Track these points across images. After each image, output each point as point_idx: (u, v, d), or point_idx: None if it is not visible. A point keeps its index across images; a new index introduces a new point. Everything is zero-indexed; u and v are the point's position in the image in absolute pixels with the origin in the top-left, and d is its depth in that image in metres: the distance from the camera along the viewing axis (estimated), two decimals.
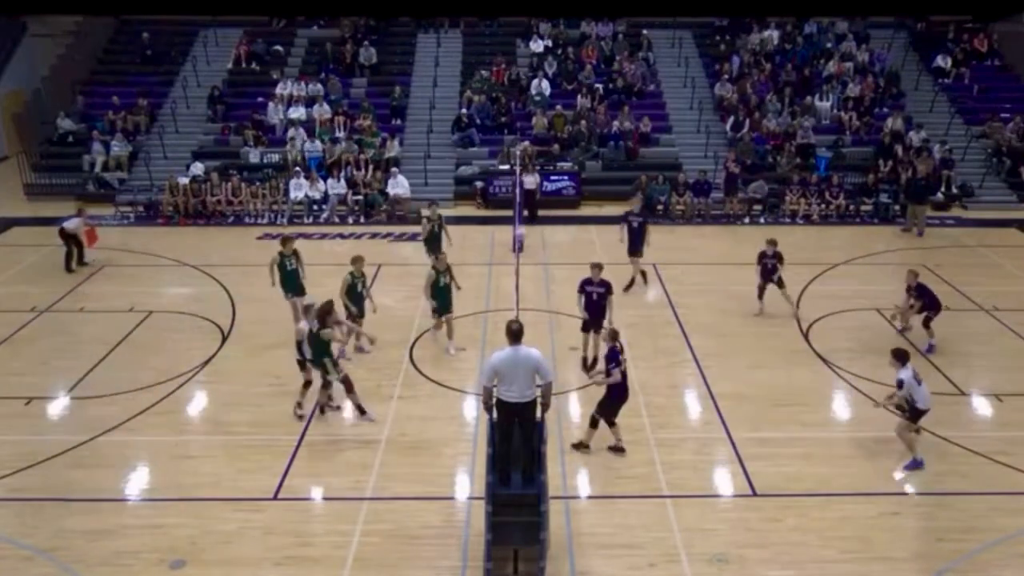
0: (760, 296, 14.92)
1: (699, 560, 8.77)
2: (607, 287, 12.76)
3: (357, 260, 13.44)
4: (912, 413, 10.37)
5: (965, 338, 14.12)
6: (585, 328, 12.98)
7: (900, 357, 10.39)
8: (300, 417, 11.45)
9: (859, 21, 27.46)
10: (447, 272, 13.51)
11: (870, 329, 14.50)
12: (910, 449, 10.45)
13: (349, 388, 11.25)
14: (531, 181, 21.13)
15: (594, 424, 10.59)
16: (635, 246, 16.19)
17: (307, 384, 11.57)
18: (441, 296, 13.42)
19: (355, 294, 13.24)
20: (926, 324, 13.60)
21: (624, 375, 10.43)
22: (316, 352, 11.16)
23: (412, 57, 27.31)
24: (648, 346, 13.81)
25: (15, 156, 24.28)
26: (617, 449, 10.62)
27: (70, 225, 17.29)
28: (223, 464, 10.49)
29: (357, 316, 13.19)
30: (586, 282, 12.81)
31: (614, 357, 10.33)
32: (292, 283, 13.80)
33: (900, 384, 10.27)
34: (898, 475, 10.30)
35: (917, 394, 10.28)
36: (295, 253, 13.89)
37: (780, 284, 14.79)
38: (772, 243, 14.87)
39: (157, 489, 10.03)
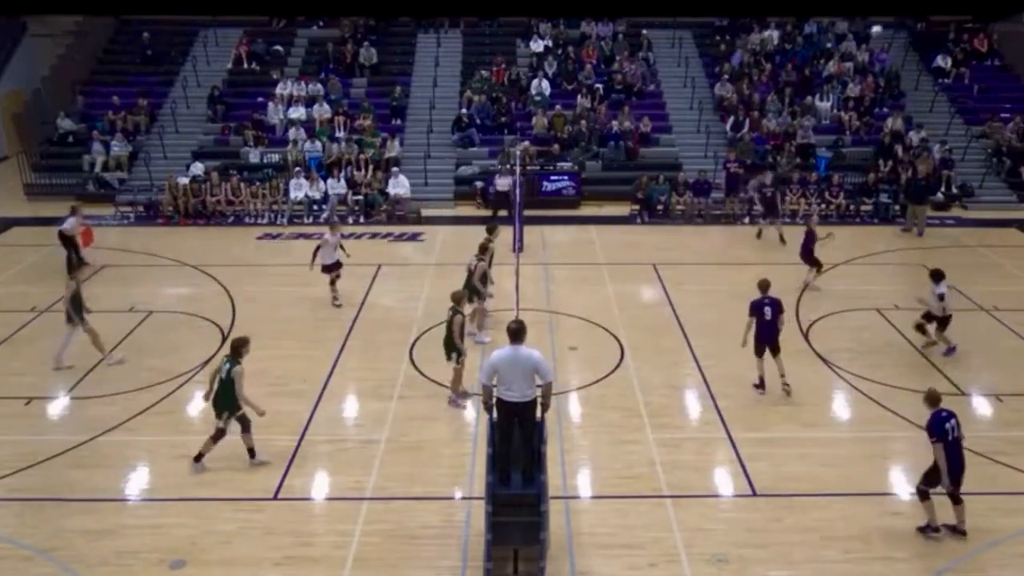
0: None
1: (699, 560, 8.77)
2: (777, 305, 11.96)
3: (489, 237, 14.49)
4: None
5: (965, 338, 14.10)
6: (759, 352, 12.04)
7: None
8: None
9: (859, 21, 27.46)
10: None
11: (870, 329, 14.50)
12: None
13: (245, 428, 10.39)
14: (504, 183, 20.88)
15: (924, 496, 9.09)
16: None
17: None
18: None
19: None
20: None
21: (955, 442, 8.94)
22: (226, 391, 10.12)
23: (412, 57, 27.31)
24: (648, 346, 13.81)
25: (15, 156, 24.28)
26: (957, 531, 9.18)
27: (67, 227, 17.20)
28: (223, 464, 10.48)
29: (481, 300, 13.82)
30: (757, 302, 11.94)
31: (938, 427, 8.86)
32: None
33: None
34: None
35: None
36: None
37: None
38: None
39: (157, 489, 10.03)
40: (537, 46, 27.08)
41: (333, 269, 15.35)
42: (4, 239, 19.83)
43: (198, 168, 22.26)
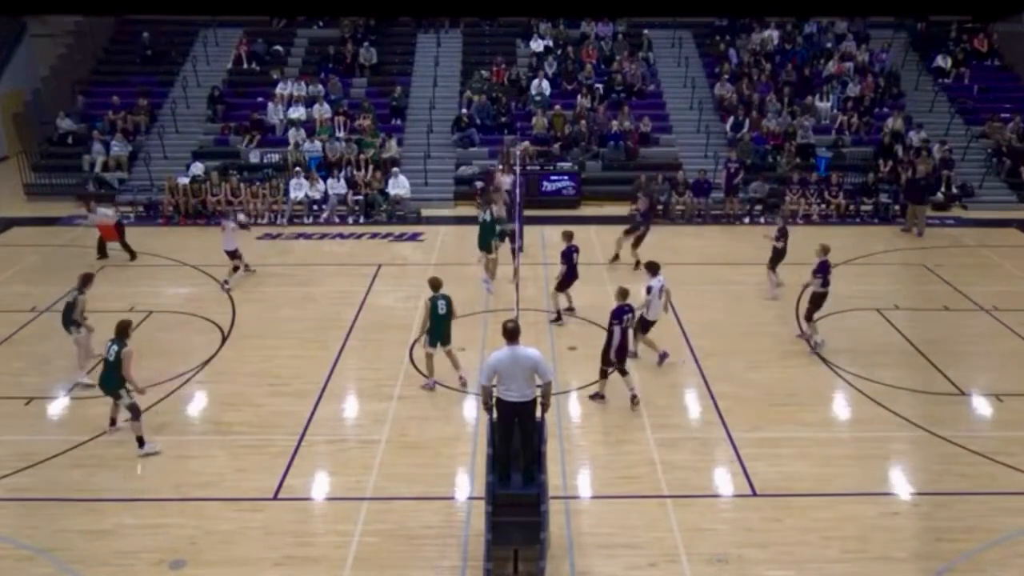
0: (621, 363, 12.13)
1: (699, 560, 8.77)
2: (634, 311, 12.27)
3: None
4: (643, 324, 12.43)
5: (965, 338, 14.13)
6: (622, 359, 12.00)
7: (651, 269, 12.62)
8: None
9: (859, 21, 27.46)
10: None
11: (870, 329, 14.50)
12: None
13: (136, 415, 10.67)
14: (507, 181, 20.72)
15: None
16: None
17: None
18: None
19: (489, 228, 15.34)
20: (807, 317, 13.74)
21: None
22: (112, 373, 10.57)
23: (412, 57, 27.31)
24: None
25: (15, 156, 24.26)
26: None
27: (100, 215, 17.99)
28: (223, 464, 10.49)
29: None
30: (618, 310, 11.82)
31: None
32: None
33: (648, 290, 12.37)
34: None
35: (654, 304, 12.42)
36: None
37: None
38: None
39: (157, 489, 10.02)
40: (537, 46, 27.09)
41: (235, 256, 16.31)
42: (4, 239, 19.82)
43: (198, 168, 22.26)
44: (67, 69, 27.09)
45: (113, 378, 10.57)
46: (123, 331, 10.65)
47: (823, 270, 13.55)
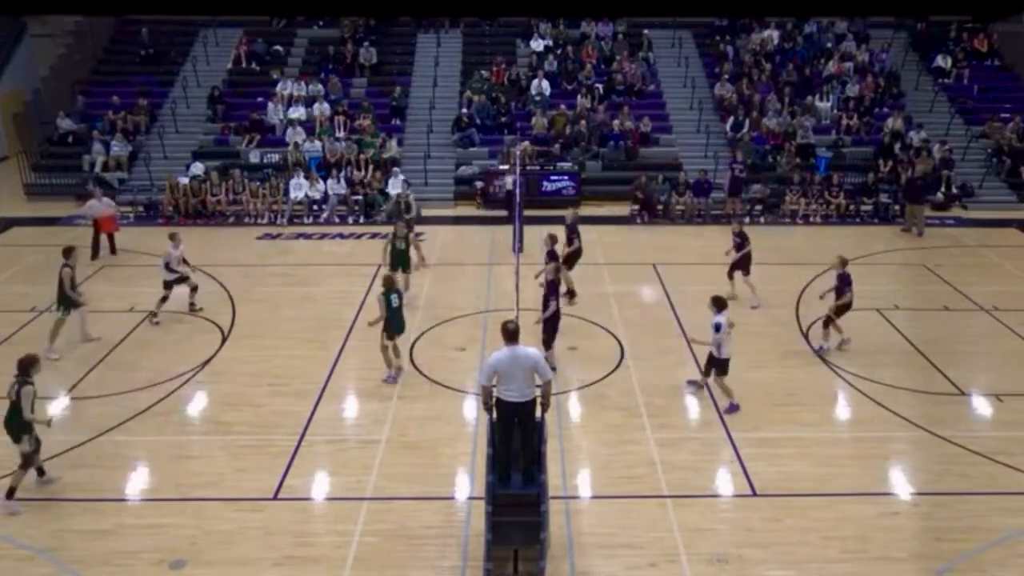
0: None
1: (699, 560, 8.77)
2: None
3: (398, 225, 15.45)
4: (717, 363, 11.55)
5: (965, 338, 14.13)
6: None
7: (717, 304, 11.68)
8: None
9: (859, 21, 27.46)
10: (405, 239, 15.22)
11: (870, 329, 14.49)
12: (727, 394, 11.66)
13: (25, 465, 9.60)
14: (509, 181, 20.80)
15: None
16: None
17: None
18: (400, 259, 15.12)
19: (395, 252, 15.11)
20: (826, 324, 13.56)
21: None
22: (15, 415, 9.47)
23: (412, 57, 27.31)
24: (648, 346, 13.82)
25: (15, 156, 24.26)
26: None
27: (91, 208, 17.79)
28: (223, 464, 10.48)
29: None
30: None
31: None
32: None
33: (717, 328, 11.43)
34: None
35: (725, 343, 11.44)
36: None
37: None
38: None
39: (157, 489, 10.02)
40: (537, 46, 27.09)
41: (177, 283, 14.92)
42: (4, 239, 19.82)
43: (198, 168, 22.25)
44: (67, 69, 27.10)
45: (16, 418, 9.41)
46: (26, 368, 9.52)
47: (847, 282, 13.35)
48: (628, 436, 11.08)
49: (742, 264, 15.52)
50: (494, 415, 8.42)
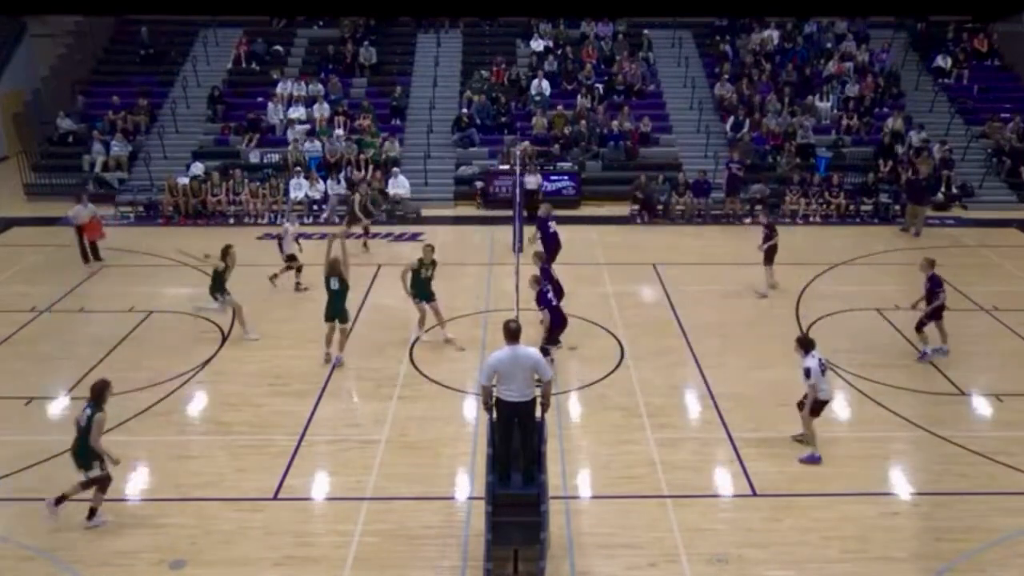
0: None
1: (699, 560, 8.77)
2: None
3: (427, 248, 13.84)
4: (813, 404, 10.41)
5: (965, 338, 14.11)
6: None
7: (804, 346, 10.50)
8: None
9: (859, 21, 27.46)
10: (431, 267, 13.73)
11: (870, 329, 14.51)
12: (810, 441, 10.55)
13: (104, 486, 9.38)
14: (533, 181, 21.09)
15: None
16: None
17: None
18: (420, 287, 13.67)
19: (419, 281, 13.63)
20: (919, 328, 13.40)
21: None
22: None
23: (412, 57, 27.31)
24: (648, 346, 13.82)
25: (15, 156, 24.26)
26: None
27: (75, 214, 17.42)
28: (223, 464, 10.48)
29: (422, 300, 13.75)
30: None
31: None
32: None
33: (807, 373, 10.26)
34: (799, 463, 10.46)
35: (821, 384, 10.34)
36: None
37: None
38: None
39: (157, 489, 10.03)
40: (537, 46, 27.08)
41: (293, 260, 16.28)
42: (4, 239, 19.82)
43: (198, 168, 22.26)
44: (67, 69, 27.10)
45: (86, 446, 9.12)
46: (100, 393, 9.25)
47: (937, 284, 13.12)
48: (628, 436, 11.09)
49: (768, 254, 15.95)
50: (494, 415, 8.42)
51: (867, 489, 10.01)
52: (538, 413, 8.46)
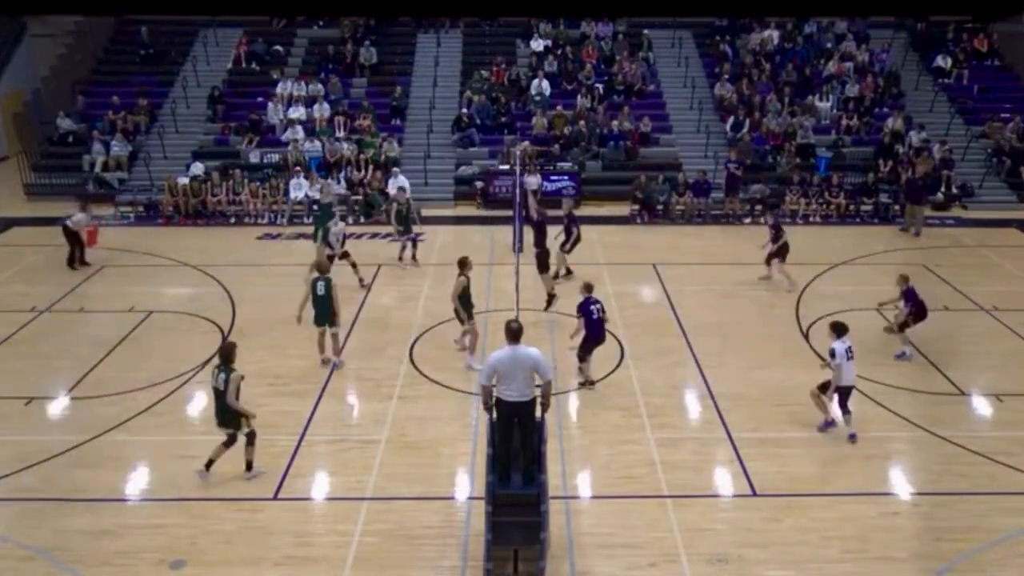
0: (588, 356, 12.55)
1: (699, 560, 8.77)
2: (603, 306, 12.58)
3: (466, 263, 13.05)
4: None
5: (965, 338, 14.12)
6: (589, 352, 12.40)
7: (836, 329, 11.07)
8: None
9: (859, 21, 27.46)
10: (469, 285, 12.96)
11: (870, 329, 14.47)
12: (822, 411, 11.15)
13: (250, 441, 10.12)
14: (533, 182, 21.09)
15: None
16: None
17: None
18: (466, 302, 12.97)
19: (466, 297, 12.92)
20: (901, 328, 13.43)
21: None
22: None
23: (412, 57, 27.30)
24: (648, 346, 13.82)
25: (15, 156, 24.26)
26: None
27: (76, 222, 17.19)
28: (223, 464, 10.47)
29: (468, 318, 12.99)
30: (584, 303, 12.35)
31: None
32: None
33: (832, 354, 10.82)
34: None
35: (845, 369, 10.81)
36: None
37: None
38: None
39: (157, 489, 10.03)
40: (537, 46, 27.07)
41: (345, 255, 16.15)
42: (4, 239, 19.82)
43: (198, 168, 22.25)
44: (67, 69, 27.09)
45: (226, 408, 9.78)
46: (227, 356, 9.81)
47: (912, 299, 13.20)
48: (628, 436, 11.09)
49: (779, 254, 16.15)
50: (494, 415, 8.42)
51: (867, 489, 10.01)
52: (538, 413, 8.46)
